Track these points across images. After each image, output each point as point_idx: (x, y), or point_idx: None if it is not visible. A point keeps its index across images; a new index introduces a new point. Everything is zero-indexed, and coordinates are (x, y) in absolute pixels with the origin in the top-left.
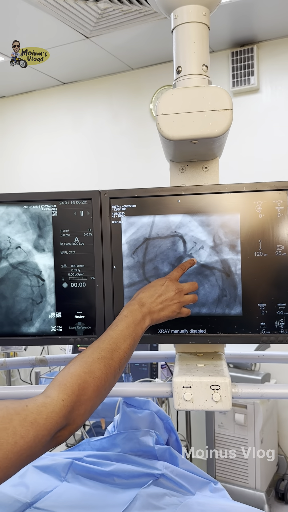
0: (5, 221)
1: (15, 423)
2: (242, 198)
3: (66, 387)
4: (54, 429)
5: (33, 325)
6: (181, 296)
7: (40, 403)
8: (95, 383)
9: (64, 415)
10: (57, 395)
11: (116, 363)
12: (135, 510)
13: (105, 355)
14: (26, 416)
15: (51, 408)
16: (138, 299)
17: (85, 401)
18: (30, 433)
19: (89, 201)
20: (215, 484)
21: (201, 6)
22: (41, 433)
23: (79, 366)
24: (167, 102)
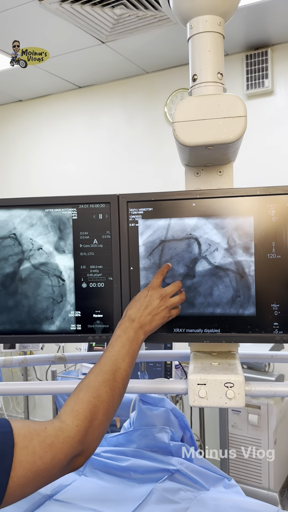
0: (28, 224)
1: (35, 443)
2: (256, 202)
3: (79, 413)
4: (70, 453)
5: (53, 323)
6: (167, 300)
7: (57, 427)
8: (104, 407)
9: (79, 440)
10: (71, 421)
11: (120, 383)
12: (151, 503)
13: (108, 377)
14: (45, 438)
15: (67, 433)
16: (128, 316)
17: (97, 425)
18: (48, 455)
19: (108, 205)
20: (228, 481)
21: (216, 16)
22: (58, 456)
23: (87, 392)
24: (184, 109)
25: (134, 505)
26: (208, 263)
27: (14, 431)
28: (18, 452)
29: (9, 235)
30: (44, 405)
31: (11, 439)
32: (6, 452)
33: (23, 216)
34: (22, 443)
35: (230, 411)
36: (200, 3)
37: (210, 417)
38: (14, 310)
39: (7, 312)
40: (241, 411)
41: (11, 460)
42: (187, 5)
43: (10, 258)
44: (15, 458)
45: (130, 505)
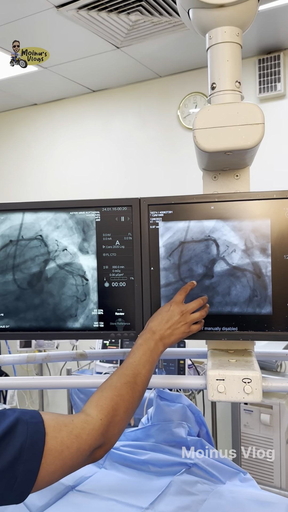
0: (53, 226)
1: (63, 433)
2: (272, 205)
3: (103, 408)
4: (93, 445)
5: (77, 320)
6: (187, 316)
7: (83, 419)
8: (125, 405)
9: (102, 433)
10: (96, 414)
11: (140, 386)
12: (170, 495)
13: (130, 380)
14: (72, 429)
15: (92, 426)
16: (149, 328)
17: (118, 421)
18: (74, 445)
19: (129, 208)
20: (244, 475)
21: (234, 27)
22: (83, 447)
23: (110, 390)
24: (204, 117)
25: (154, 496)
26: (226, 263)
27: (45, 422)
28: (48, 441)
29: (36, 237)
30: (57, 403)
31: (43, 429)
32: (39, 440)
33: (49, 218)
34: (52, 433)
35: (243, 410)
36: (219, 15)
37: (222, 417)
38: (40, 308)
39: (34, 309)
40: (253, 410)
41: (42, 448)
42: (207, 17)
43: (36, 258)
44: (46, 446)
45: (149, 496)
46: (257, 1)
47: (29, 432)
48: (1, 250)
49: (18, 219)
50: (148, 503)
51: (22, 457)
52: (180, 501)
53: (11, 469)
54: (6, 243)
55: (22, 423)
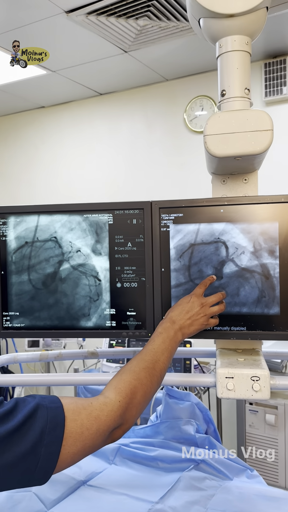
0: (67, 228)
1: (82, 416)
2: (280, 208)
3: (121, 391)
4: (112, 426)
5: (90, 320)
6: (207, 309)
7: (102, 402)
8: (143, 389)
9: (120, 415)
10: (114, 396)
11: (158, 372)
12: (179, 490)
13: (149, 365)
14: (91, 411)
15: (110, 407)
16: (169, 317)
17: (136, 404)
18: (94, 426)
19: (141, 211)
20: (251, 471)
21: (244, 36)
22: (102, 428)
23: (129, 374)
24: (215, 123)
25: (164, 491)
26: (235, 265)
27: (64, 406)
28: (68, 424)
29: (51, 238)
30: None
31: (62, 413)
32: (58, 424)
33: (63, 221)
34: (72, 416)
35: (248, 411)
36: (229, 25)
37: (226, 416)
38: (54, 307)
39: (48, 309)
40: (259, 411)
41: (63, 431)
42: (217, 27)
43: (51, 259)
44: (66, 430)
45: (159, 491)
46: (266, 11)
47: (49, 416)
48: (17, 251)
49: (34, 221)
50: (158, 498)
51: (43, 441)
52: (189, 496)
53: (33, 453)
54: (21, 244)
55: (42, 408)
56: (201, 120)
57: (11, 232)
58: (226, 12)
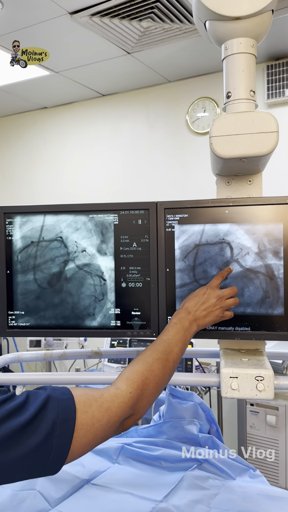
0: (73, 228)
1: (93, 408)
2: (285, 209)
3: (133, 382)
4: (123, 416)
5: (95, 319)
6: (222, 301)
7: (113, 393)
8: (155, 380)
9: (131, 406)
10: (125, 388)
11: (171, 363)
12: (182, 489)
13: (162, 356)
14: (102, 403)
15: (121, 399)
16: (185, 308)
17: (147, 395)
18: (105, 418)
19: (147, 211)
20: (253, 471)
21: (249, 39)
22: (113, 419)
23: (141, 365)
24: (220, 125)
25: (167, 490)
26: (239, 266)
27: (74, 398)
28: (79, 416)
29: (56, 238)
30: None
31: (73, 405)
32: (69, 416)
33: (69, 221)
34: (83, 408)
35: (249, 412)
36: (235, 27)
37: (227, 417)
38: (59, 306)
39: (53, 308)
40: (259, 412)
41: (74, 423)
42: (223, 29)
43: (56, 259)
44: (77, 421)
45: (163, 490)
46: (272, 14)
47: (60, 408)
48: (23, 251)
49: (40, 221)
50: (162, 496)
51: (54, 432)
52: (193, 495)
53: (45, 444)
54: (27, 244)
55: (53, 399)
56: (203, 122)
57: (17, 231)
58: (233, 14)
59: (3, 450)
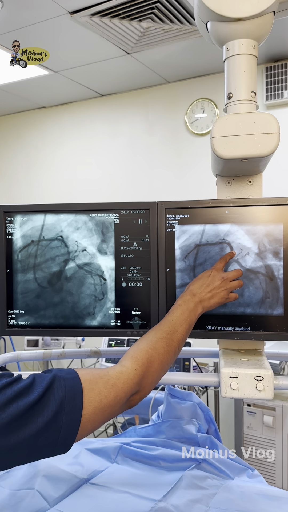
0: (73, 227)
1: (100, 385)
2: (285, 210)
3: (138, 359)
4: (129, 392)
5: (95, 318)
6: (227, 283)
7: (118, 370)
8: (160, 358)
9: (136, 382)
10: (131, 365)
11: (176, 343)
12: (181, 488)
13: (166, 336)
14: (108, 380)
15: (127, 375)
16: (190, 290)
17: (152, 372)
18: (111, 394)
19: (147, 211)
20: (252, 471)
21: (251, 40)
22: (120, 395)
23: (146, 344)
24: (222, 126)
25: (166, 489)
26: (239, 266)
27: (80, 377)
28: (86, 393)
29: (57, 237)
30: None
31: (79, 383)
32: (77, 394)
33: (69, 220)
34: (89, 386)
35: (246, 412)
36: (237, 29)
37: (224, 418)
38: (60, 306)
39: (53, 307)
40: (256, 412)
41: (81, 400)
42: (225, 30)
43: (57, 258)
44: (85, 398)
45: (161, 489)
46: (273, 15)
47: (67, 386)
48: (23, 250)
49: (40, 220)
50: (161, 496)
51: (63, 410)
52: (191, 495)
53: (55, 421)
54: (28, 243)
55: (59, 379)
56: (202, 123)
57: (17, 230)
58: (234, 16)
59: (14, 431)
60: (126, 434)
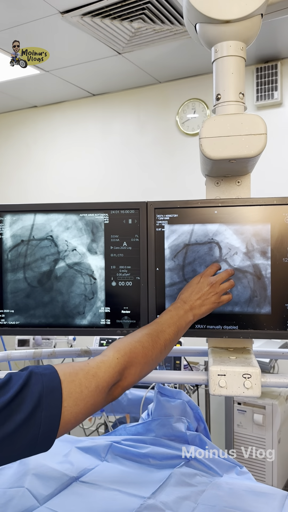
0: (63, 227)
1: (80, 376)
2: (272, 210)
3: (120, 349)
4: (111, 381)
5: (85, 318)
6: (217, 287)
7: (99, 360)
8: (144, 351)
9: (118, 371)
10: (112, 354)
11: (162, 341)
12: (170, 486)
13: (152, 333)
14: (89, 370)
15: (108, 364)
16: (180, 299)
17: (135, 363)
18: (93, 384)
19: (137, 211)
20: (240, 468)
21: (239, 42)
22: (101, 384)
23: (130, 338)
24: (210, 126)
25: (155, 486)
26: (228, 265)
27: (58, 371)
28: (66, 386)
29: (47, 237)
30: None
31: (57, 377)
32: (55, 387)
33: (59, 220)
34: (69, 378)
35: (236, 410)
36: (225, 31)
37: (215, 416)
38: (50, 305)
39: (43, 307)
40: (247, 411)
41: (60, 393)
42: (213, 32)
43: (46, 257)
44: (64, 391)
45: (151, 486)
46: (261, 17)
47: (45, 381)
48: (13, 249)
49: (30, 219)
50: (150, 493)
51: (42, 405)
52: (180, 492)
53: (32, 418)
54: (17, 242)
55: (36, 375)
56: (193, 123)
57: (7, 230)
58: (223, 18)
59: None
60: (116, 433)
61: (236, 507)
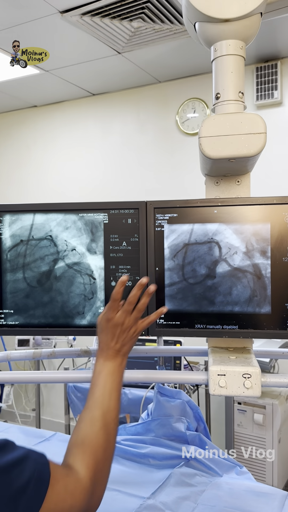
0: (63, 227)
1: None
2: (272, 210)
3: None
4: (84, 507)
5: (84, 318)
6: (128, 320)
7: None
8: (105, 456)
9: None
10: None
11: (112, 422)
12: (170, 486)
13: (101, 424)
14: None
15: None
16: (100, 348)
17: (103, 478)
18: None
19: (136, 210)
20: (240, 468)
21: (238, 41)
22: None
23: (88, 446)
24: (209, 126)
25: (154, 487)
26: (228, 265)
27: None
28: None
29: (46, 237)
30: (52, 401)
31: (48, 472)
32: (44, 481)
33: (59, 219)
34: (53, 480)
35: (236, 410)
36: (224, 29)
37: (215, 416)
38: (49, 305)
39: (42, 307)
40: (247, 410)
41: (46, 490)
42: (212, 31)
43: (46, 257)
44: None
45: (151, 486)
46: (260, 16)
47: (36, 471)
48: (12, 249)
49: (29, 219)
50: (150, 493)
51: (26, 493)
52: (180, 492)
53: (13, 501)
54: (17, 242)
55: (30, 460)
56: (193, 123)
57: (6, 230)
58: (222, 17)
59: None
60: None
61: (236, 507)
